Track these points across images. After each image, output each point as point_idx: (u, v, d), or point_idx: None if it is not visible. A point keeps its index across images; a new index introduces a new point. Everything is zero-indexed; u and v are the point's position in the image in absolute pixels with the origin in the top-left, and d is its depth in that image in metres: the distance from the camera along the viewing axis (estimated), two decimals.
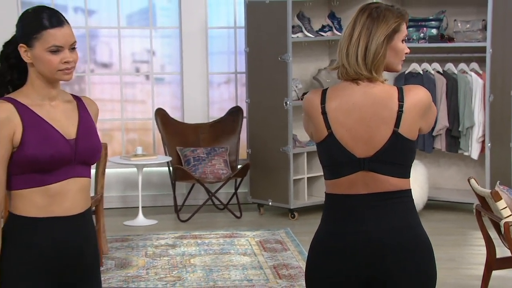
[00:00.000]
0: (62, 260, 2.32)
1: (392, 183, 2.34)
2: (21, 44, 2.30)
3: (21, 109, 2.29)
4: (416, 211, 2.43)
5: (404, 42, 2.42)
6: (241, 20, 7.03)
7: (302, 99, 6.65)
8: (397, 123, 2.32)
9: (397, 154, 2.34)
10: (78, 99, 2.43)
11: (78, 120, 2.37)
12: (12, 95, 2.33)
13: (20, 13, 2.39)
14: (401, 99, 2.33)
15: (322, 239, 2.40)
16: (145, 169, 6.72)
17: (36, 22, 2.28)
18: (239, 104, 7.13)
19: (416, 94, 2.35)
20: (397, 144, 2.32)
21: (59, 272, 2.33)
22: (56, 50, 2.28)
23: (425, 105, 2.37)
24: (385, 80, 2.39)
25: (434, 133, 6.73)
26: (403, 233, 2.35)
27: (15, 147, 2.27)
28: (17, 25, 2.34)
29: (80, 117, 2.38)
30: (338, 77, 2.40)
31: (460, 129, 6.69)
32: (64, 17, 2.33)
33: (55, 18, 2.29)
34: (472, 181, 4.28)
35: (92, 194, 5.33)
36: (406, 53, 2.43)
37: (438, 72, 6.77)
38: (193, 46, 7.12)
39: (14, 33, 2.36)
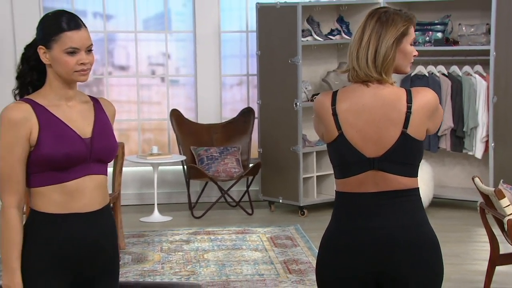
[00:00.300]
0: (80, 255, 2.32)
1: (400, 182, 2.35)
2: (40, 46, 2.32)
3: (38, 109, 2.30)
4: (423, 209, 2.43)
5: (412, 45, 2.42)
6: (253, 24, 7.04)
7: (311, 101, 6.70)
8: (406, 124, 2.32)
9: (405, 154, 2.34)
10: (95, 100, 2.44)
11: (94, 120, 2.37)
12: (30, 96, 2.34)
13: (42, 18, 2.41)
14: (409, 100, 2.33)
15: (332, 236, 2.41)
16: (160, 167, 6.74)
17: (55, 25, 2.30)
18: (250, 105, 7.14)
19: (424, 96, 2.36)
20: (405, 144, 2.33)
21: (77, 267, 2.33)
22: (72, 51, 2.29)
23: (433, 106, 2.37)
24: (394, 82, 2.39)
25: (439, 133, 6.72)
26: (411, 230, 2.35)
27: (32, 146, 2.28)
28: (37, 28, 2.36)
29: (96, 117, 2.38)
30: (349, 79, 2.41)
31: (464, 129, 6.67)
32: (81, 21, 2.34)
33: (73, 22, 2.30)
34: (476, 179, 4.28)
35: (109, 191, 5.36)
36: (415, 56, 2.43)
37: (443, 74, 6.76)
38: (207, 50, 7.13)
39: (35, 36, 2.37)
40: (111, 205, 5.12)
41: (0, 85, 6.66)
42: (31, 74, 2.37)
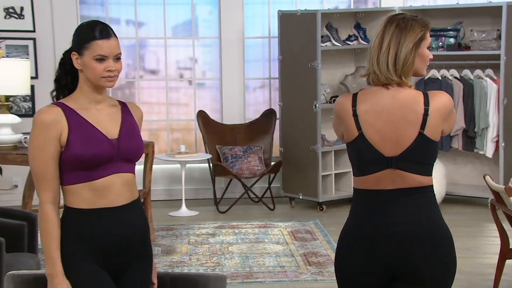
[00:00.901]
0: (110, 246, 2.34)
1: (416, 179, 2.33)
2: (73, 52, 2.35)
3: (68, 112, 2.32)
4: (437, 205, 2.41)
5: (428, 49, 2.41)
6: (275, 31, 7.04)
7: (330, 103, 6.68)
8: (423, 125, 2.31)
9: (422, 154, 2.33)
10: (123, 104, 2.46)
11: (121, 122, 2.39)
12: (62, 100, 2.38)
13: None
14: (426, 103, 2.32)
15: (351, 230, 2.40)
16: (187, 165, 6.77)
17: (87, 34, 2.33)
18: (272, 107, 7.14)
19: (441, 99, 2.35)
20: (422, 144, 2.32)
21: (109, 257, 2.35)
22: (101, 58, 2.31)
23: (448, 109, 2.36)
24: (411, 85, 2.38)
25: (451, 134, 6.68)
26: (427, 225, 2.33)
27: (63, 147, 2.30)
28: (73, 36, 2.39)
29: (123, 120, 2.40)
30: (368, 83, 2.39)
31: (475, 130, 6.63)
32: (113, 31, 2.36)
33: (104, 31, 2.32)
34: (487, 177, 4.24)
35: (140, 187, 5.39)
36: (430, 59, 2.42)
37: (456, 77, 6.72)
38: (231, 54, 7.14)
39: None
40: (142, 200, 5.16)
41: (41, 88, 6.75)
42: (66, 78, 2.41)
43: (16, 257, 3.67)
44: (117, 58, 2.34)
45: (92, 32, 2.32)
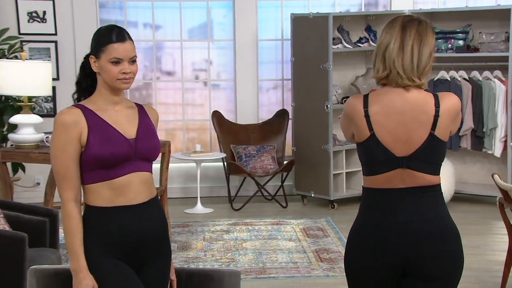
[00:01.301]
0: (129, 242, 2.35)
1: (426, 179, 2.33)
2: (91, 56, 2.37)
3: (88, 113, 2.34)
4: (445, 203, 2.41)
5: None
6: (288, 33, 7.04)
7: (341, 103, 6.67)
8: (434, 126, 2.31)
9: (432, 154, 2.32)
10: (140, 106, 2.47)
11: (138, 122, 2.40)
12: (82, 102, 2.40)
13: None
14: (437, 104, 2.32)
15: (360, 228, 2.39)
16: (203, 164, 6.78)
17: (104, 38, 2.34)
18: (285, 107, 7.15)
19: (450, 100, 2.35)
20: (432, 144, 2.31)
21: (127, 254, 2.36)
22: (116, 61, 2.32)
23: (457, 110, 2.36)
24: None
25: (460, 134, 6.66)
26: (435, 223, 2.33)
27: (83, 147, 2.32)
28: (91, 40, 2.40)
29: (140, 120, 2.41)
30: (383, 84, 2.37)
31: (484, 130, 6.60)
32: (128, 35, 2.37)
33: (120, 35, 2.33)
34: (496, 176, 4.22)
35: (157, 185, 5.42)
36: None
37: (464, 79, 6.68)
38: (245, 56, 7.15)
39: None
40: (159, 197, 5.17)
41: (62, 90, 6.79)
42: (86, 81, 2.43)
43: (38, 252, 3.69)
44: (133, 61, 2.35)
45: (108, 36, 2.33)
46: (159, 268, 2.43)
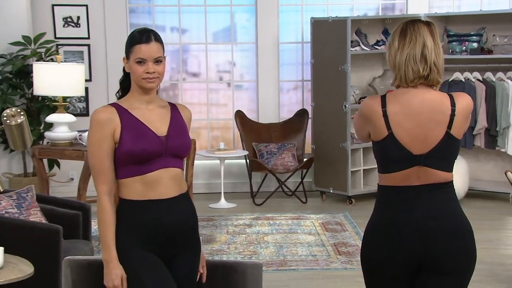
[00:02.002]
0: (158, 236, 2.35)
1: (440, 175, 2.32)
2: (124, 57, 2.38)
3: (122, 111, 2.34)
4: (457, 199, 2.39)
5: None
6: (307, 36, 7.03)
7: (359, 103, 6.64)
8: (450, 125, 2.30)
9: (447, 151, 2.31)
10: (172, 105, 2.46)
11: (170, 120, 2.39)
12: (117, 101, 2.41)
13: (129, 34, 2.47)
14: (453, 104, 2.31)
15: (376, 225, 2.37)
16: (226, 161, 6.80)
17: (132, 40, 2.35)
18: (305, 107, 7.13)
19: (464, 100, 2.34)
20: (448, 143, 2.30)
21: (157, 246, 2.35)
22: (140, 61, 2.32)
23: (470, 109, 2.36)
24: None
25: (474, 132, 6.60)
26: (450, 219, 2.32)
27: (116, 143, 2.32)
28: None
29: (172, 119, 2.40)
30: (399, 85, 2.36)
31: (497, 129, 6.53)
32: (155, 37, 2.35)
33: (145, 36, 2.33)
34: (509, 173, 4.18)
35: None
36: None
37: (478, 80, 6.62)
38: (267, 58, 7.15)
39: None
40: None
41: (94, 90, 6.86)
42: (126, 81, 2.43)
43: (72, 243, 3.73)
44: (158, 61, 2.34)
45: (135, 37, 2.34)
46: (188, 260, 2.43)
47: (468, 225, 2.35)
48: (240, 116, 6.92)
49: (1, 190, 2.70)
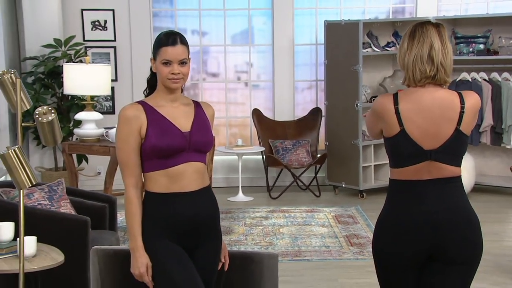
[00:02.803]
0: (181, 227, 2.34)
1: (450, 170, 2.31)
2: (151, 58, 2.38)
3: (148, 109, 2.35)
4: (465, 193, 2.38)
5: None
6: (321, 38, 7.00)
7: (370, 102, 6.61)
8: (459, 122, 2.28)
9: (457, 147, 2.30)
10: (196, 103, 2.46)
11: (193, 117, 2.39)
12: (144, 99, 2.41)
13: (152, 36, 2.47)
14: (462, 102, 2.30)
15: (388, 217, 2.35)
16: (244, 156, 6.80)
17: (159, 42, 2.34)
18: (318, 106, 7.11)
19: (472, 98, 2.33)
20: (458, 138, 2.29)
21: (180, 236, 2.35)
22: (166, 62, 2.32)
23: (478, 107, 2.35)
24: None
25: (480, 130, 6.54)
26: (458, 212, 2.30)
27: (143, 139, 2.32)
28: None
29: (196, 116, 2.40)
30: (408, 85, 2.36)
31: (503, 126, 6.47)
32: (181, 40, 2.34)
33: (171, 39, 2.32)
34: None
35: None
36: None
37: (485, 79, 6.56)
38: (283, 59, 7.14)
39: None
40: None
41: (120, 89, 6.89)
42: (153, 79, 2.43)
43: (99, 233, 3.74)
44: (182, 63, 2.33)
45: (162, 40, 2.34)
46: (209, 251, 2.42)
47: (476, 218, 2.34)
48: (257, 114, 6.92)
49: (34, 183, 2.73)
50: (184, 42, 2.35)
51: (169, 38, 2.33)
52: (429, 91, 2.32)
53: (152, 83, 2.44)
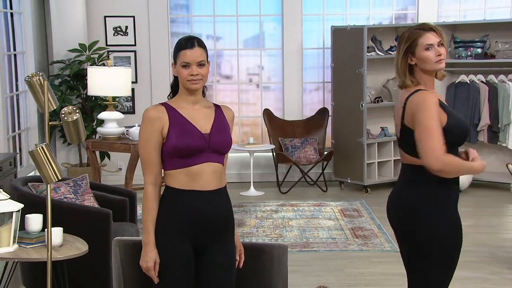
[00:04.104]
0: (197, 223, 2.31)
1: (405, 157, 2.41)
2: (172, 62, 2.35)
3: (170, 110, 2.32)
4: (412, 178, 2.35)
5: (430, 49, 2.28)
6: (328, 43, 6.98)
7: (374, 102, 6.59)
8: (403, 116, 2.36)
9: (407, 139, 2.33)
10: (217, 106, 2.41)
11: (213, 120, 2.35)
12: (167, 101, 2.38)
13: (170, 41, 2.45)
14: (406, 100, 2.32)
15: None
16: (255, 154, 6.80)
17: (179, 46, 2.32)
18: (325, 106, 7.09)
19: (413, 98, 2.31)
20: (404, 132, 2.33)
21: (194, 233, 2.31)
22: (185, 65, 2.28)
23: (417, 107, 2.29)
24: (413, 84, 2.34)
25: (478, 129, 6.50)
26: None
27: (164, 139, 2.30)
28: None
29: (215, 118, 2.36)
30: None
31: (499, 125, 6.42)
32: (198, 43, 2.30)
33: (190, 43, 2.30)
34: (510, 165, 4.11)
35: None
36: (439, 55, 2.27)
37: (482, 81, 6.51)
38: (292, 62, 7.12)
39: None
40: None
41: (139, 91, 6.91)
42: (176, 85, 2.40)
43: (120, 225, 3.75)
44: (201, 65, 2.30)
45: (181, 44, 2.31)
46: (222, 249, 2.36)
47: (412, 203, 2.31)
48: (267, 114, 6.91)
49: (60, 178, 2.74)
50: (201, 45, 2.32)
51: (188, 42, 2.30)
52: (401, 92, 2.37)
53: (175, 88, 2.41)
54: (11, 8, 5.94)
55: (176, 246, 2.29)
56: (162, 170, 2.35)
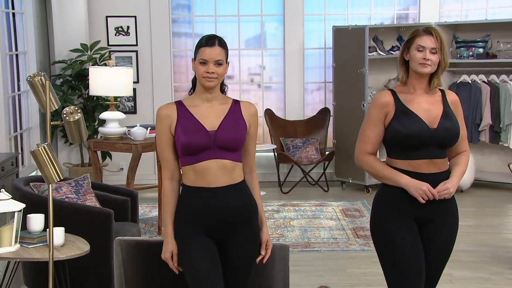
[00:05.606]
0: (206, 219, 2.32)
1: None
2: (193, 58, 2.36)
3: (180, 108, 2.34)
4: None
5: (420, 51, 2.44)
6: (330, 42, 6.98)
7: None
8: None
9: None
10: (235, 102, 2.38)
11: (224, 116, 2.33)
12: (183, 99, 2.40)
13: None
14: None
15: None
16: (256, 153, 6.77)
17: (200, 43, 2.32)
18: (327, 106, 7.09)
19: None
20: None
21: (207, 228, 2.32)
22: (203, 62, 2.30)
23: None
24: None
25: (479, 129, 6.49)
26: None
27: (173, 136, 2.34)
28: None
29: (228, 114, 2.34)
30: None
31: (501, 125, 6.41)
32: (219, 42, 2.30)
33: (210, 41, 2.30)
34: (511, 166, 4.09)
35: None
36: (424, 59, 2.42)
37: (484, 81, 6.50)
38: (293, 62, 7.12)
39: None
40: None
41: (141, 91, 6.91)
42: (196, 80, 2.40)
43: (122, 225, 3.76)
44: (218, 64, 2.30)
45: (202, 41, 2.32)
46: (240, 244, 2.35)
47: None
48: (269, 114, 6.91)
49: (62, 178, 2.74)
50: (222, 44, 2.32)
51: (209, 40, 2.31)
52: None
53: (195, 83, 2.41)
54: (13, 8, 5.95)
55: (196, 237, 2.31)
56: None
